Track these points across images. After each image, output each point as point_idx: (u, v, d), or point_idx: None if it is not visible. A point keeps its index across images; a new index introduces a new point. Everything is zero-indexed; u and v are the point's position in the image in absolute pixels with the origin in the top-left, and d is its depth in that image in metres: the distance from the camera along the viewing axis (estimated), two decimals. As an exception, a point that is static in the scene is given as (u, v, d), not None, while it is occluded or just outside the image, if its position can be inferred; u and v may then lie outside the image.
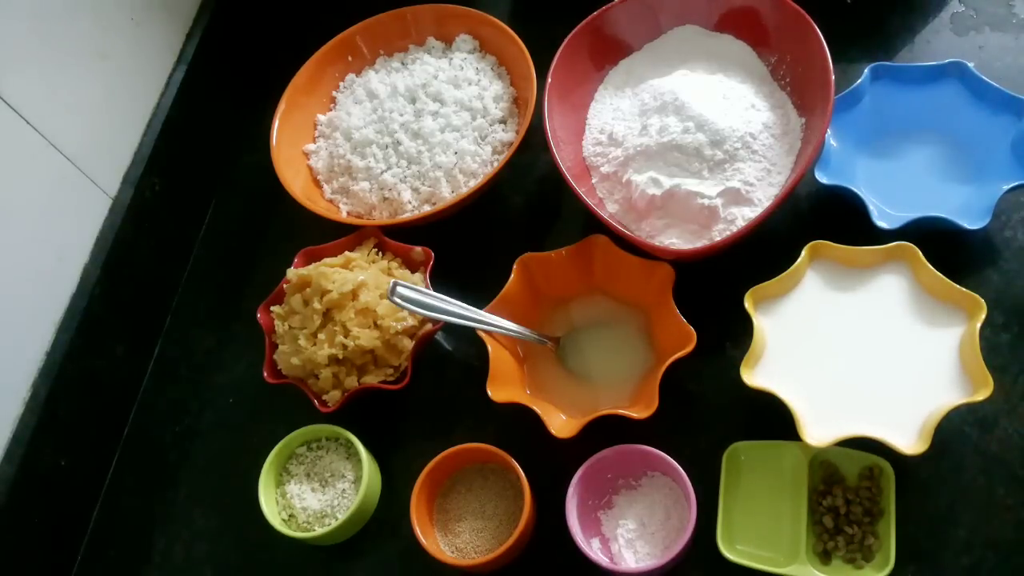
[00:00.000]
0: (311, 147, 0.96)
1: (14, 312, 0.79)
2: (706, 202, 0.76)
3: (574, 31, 0.86)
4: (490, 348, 0.76)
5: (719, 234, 0.76)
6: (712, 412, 0.75)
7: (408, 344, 0.79)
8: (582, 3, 0.88)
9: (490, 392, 0.73)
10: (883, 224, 0.75)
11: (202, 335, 0.93)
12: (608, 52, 0.90)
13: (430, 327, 0.79)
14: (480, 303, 0.76)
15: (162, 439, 0.88)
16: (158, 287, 0.95)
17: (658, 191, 0.78)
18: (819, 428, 0.66)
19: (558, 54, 0.85)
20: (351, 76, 1.00)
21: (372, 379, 0.78)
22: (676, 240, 0.78)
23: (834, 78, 0.76)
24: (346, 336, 0.77)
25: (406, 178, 0.88)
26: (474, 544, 0.71)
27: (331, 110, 0.98)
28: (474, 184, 0.86)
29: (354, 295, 0.78)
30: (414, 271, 0.84)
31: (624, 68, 0.90)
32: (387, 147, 0.90)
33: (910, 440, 0.64)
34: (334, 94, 0.99)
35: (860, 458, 0.69)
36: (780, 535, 0.68)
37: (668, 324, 0.74)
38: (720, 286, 0.77)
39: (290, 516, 0.76)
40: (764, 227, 0.75)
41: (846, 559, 0.66)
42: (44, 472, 0.80)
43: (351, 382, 0.78)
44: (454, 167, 0.88)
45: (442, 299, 0.74)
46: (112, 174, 0.91)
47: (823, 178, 0.78)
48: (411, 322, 0.80)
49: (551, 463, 0.71)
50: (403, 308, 0.73)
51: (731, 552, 0.67)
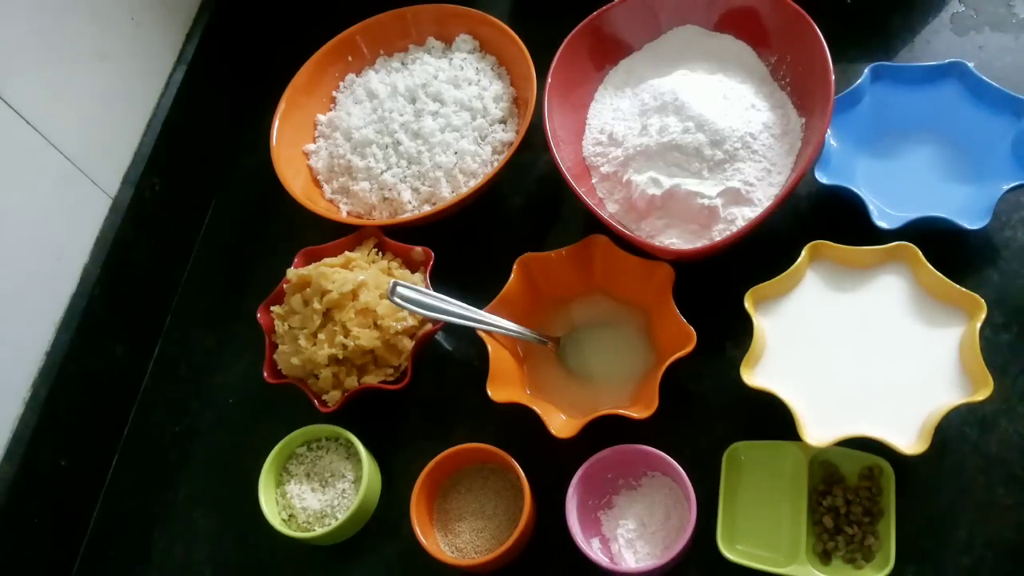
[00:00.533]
0: (311, 147, 0.96)
1: (14, 312, 0.79)
2: (706, 202, 0.76)
3: (574, 31, 0.86)
4: (490, 348, 0.76)
5: (719, 234, 0.76)
6: (712, 412, 0.75)
7: (408, 344, 0.79)
8: (582, 3, 0.88)
9: (490, 392, 0.73)
10: (883, 224, 0.75)
11: (202, 335, 0.93)
12: (608, 52, 0.90)
13: (430, 327, 0.79)
14: (480, 303, 0.76)
15: (162, 439, 0.88)
16: (158, 287, 0.95)
17: (658, 191, 0.78)
18: (819, 428, 0.66)
19: (558, 54, 0.85)
20: (351, 76, 1.00)
21: (372, 379, 0.78)
22: (676, 240, 0.78)
23: (834, 78, 0.75)
24: (346, 336, 0.77)
25: (406, 178, 0.88)
26: (474, 544, 0.71)
27: (331, 110, 0.98)
28: (474, 184, 0.86)
29: (354, 295, 0.78)
30: (414, 271, 0.84)
31: (624, 68, 0.90)
32: (387, 147, 0.90)
33: (910, 440, 0.64)
34: (334, 94, 0.99)
35: (860, 458, 0.69)
36: (780, 535, 0.68)
37: (668, 324, 0.74)
38: (720, 286, 0.77)
39: (290, 516, 0.76)
40: (764, 227, 0.75)
41: (846, 559, 0.66)
42: (44, 472, 0.80)
43: (351, 382, 0.78)
44: (454, 167, 0.88)
45: (442, 299, 0.74)
46: (112, 174, 0.91)
47: (823, 178, 0.78)
48: (411, 322, 0.80)
49: (551, 463, 0.71)
50: (403, 308, 0.73)
51: (731, 552, 0.67)
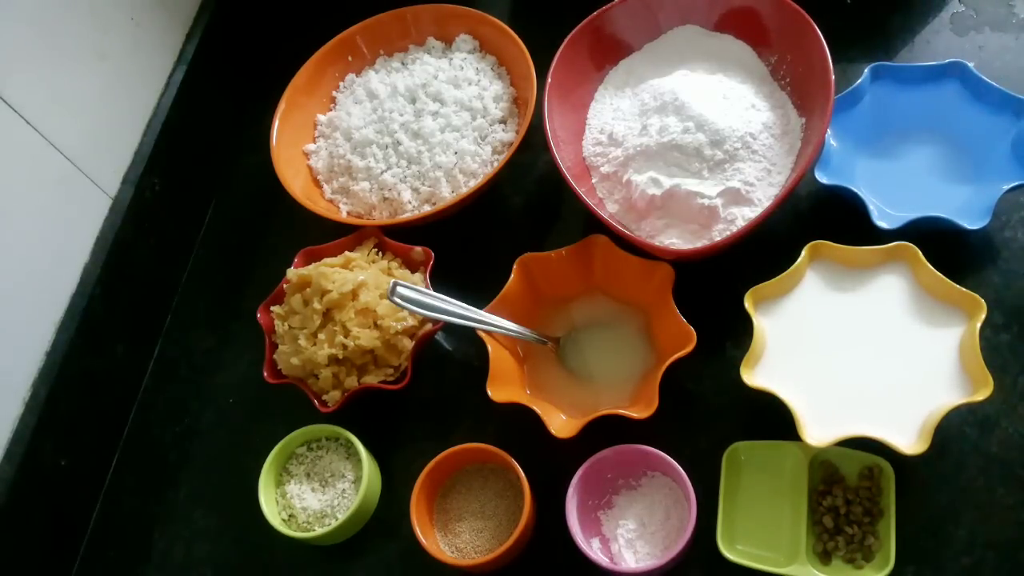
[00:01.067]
0: (311, 147, 0.96)
1: (14, 312, 0.79)
2: (706, 202, 0.76)
3: (574, 31, 0.86)
4: (490, 348, 0.76)
5: (719, 234, 0.76)
6: (712, 412, 0.75)
7: (408, 344, 0.79)
8: (582, 3, 0.88)
9: (490, 392, 0.73)
10: (883, 224, 0.75)
11: (202, 335, 0.93)
12: (608, 52, 0.90)
13: (430, 327, 0.79)
14: (480, 303, 0.76)
15: (162, 439, 0.88)
16: (158, 287, 0.95)
17: (658, 191, 0.78)
18: (819, 428, 0.66)
19: (558, 54, 0.85)
20: (351, 76, 1.00)
21: (372, 379, 0.78)
22: (676, 240, 0.78)
23: (834, 78, 0.75)
24: (346, 336, 0.77)
25: (406, 178, 0.88)
26: (474, 544, 0.71)
27: (331, 110, 0.98)
28: (474, 184, 0.86)
29: (354, 295, 0.78)
30: (414, 271, 0.84)
31: (624, 68, 0.90)
32: (387, 147, 0.90)
33: (910, 440, 0.64)
34: (334, 94, 0.99)
35: (860, 458, 0.69)
36: (780, 535, 0.68)
37: (668, 324, 0.74)
38: (720, 286, 0.77)
39: (290, 516, 0.76)
40: (764, 227, 0.75)
41: (846, 559, 0.66)
42: (44, 472, 0.80)
43: (351, 382, 0.78)
44: (454, 167, 0.88)
45: (442, 299, 0.74)
46: (112, 174, 0.91)
47: (823, 178, 0.78)
48: (411, 322, 0.80)
49: (551, 463, 0.71)
50: (403, 308, 0.73)
51: (731, 552, 0.67)
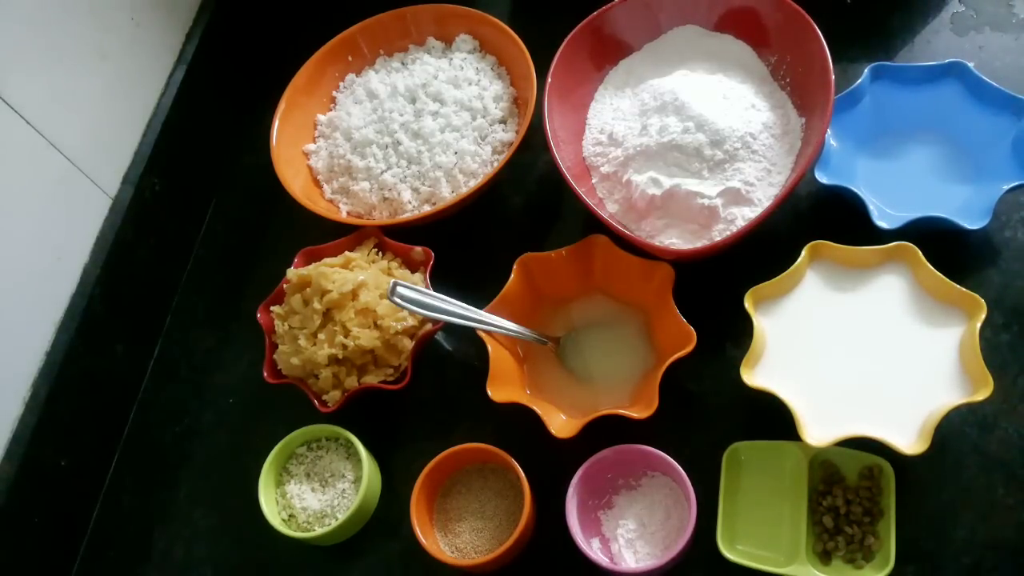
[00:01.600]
0: (311, 147, 0.96)
1: (14, 312, 0.79)
2: (706, 202, 0.76)
3: (574, 31, 0.86)
4: (490, 348, 0.76)
5: (719, 234, 0.76)
6: (712, 412, 0.75)
7: (408, 344, 0.79)
8: (582, 3, 0.88)
9: (490, 392, 0.73)
10: (883, 224, 0.75)
11: (202, 335, 0.93)
12: (608, 52, 0.90)
13: (430, 327, 0.79)
14: (480, 303, 0.76)
15: (162, 439, 0.88)
16: (158, 287, 0.95)
17: (658, 191, 0.78)
18: (819, 428, 0.66)
19: (558, 54, 0.85)
20: (351, 76, 1.00)
21: (372, 379, 0.78)
22: (676, 240, 0.78)
23: (834, 78, 0.75)
24: (346, 336, 0.77)
25: (406, 178, 0.88)
26: (474, 544, 0.71)
27: (331, 110, 0.98)
28: (474, 184, 0.86)
29: (354, 295, 0.78)
30: (414, 271, 0.84)
31: (624, 68, 0.90)
32: (387, 147, 0.90)
33: (910, 440, 0.64)
34: (334, 94, 0.99)
35: (860, 458, 0.69)
36: (780, 535, 0.68)
37: (668, 324, 0.74)
38: (720, 286, 0.77)
39: (290, 516, 0.76)
40: (764, 227, 0.75)
41: (846, 559, 0.66)
42: (44, 472, 0.80)
43: (351, 382, 0.78)
44: (454, 167, 0.88)
45: (442, 299, 0.74)
46: (112, 174, 0.91)
47: (823, 178, 0.78)
48: (411, 322, 0.80)
49: (551, 463, 0.71)
50: (403, 308, 0.73)
51: (731, 552, 0.67)
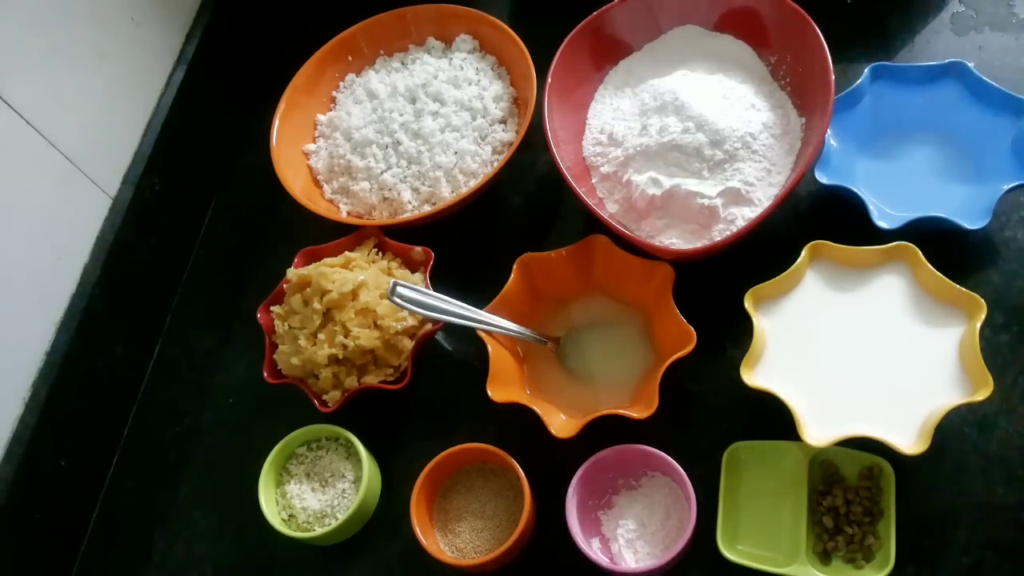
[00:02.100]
0: (311, 147, 0.96)
1: (14, 312, 0.79)
2: (706, 202, 0.76)
3: (574, 31, 0.86)
4: (490, 348, 0.76)
5: (719, 234, 0.76)
6: (712, 412, 0.75)
7: (408, 344, 0.79)
8: (582, 3, 0.88)
9: (490, 392, 0.73)
10: (883, 224, 0.75)
11: (202, 335, 0.93)
12: (608, 52, 0.90)
13: (430, 327, 0.79)
14: (480, 303, 0.76)
15: (162, 439, 0.88)
16: (158, 287, 0.95)
17: (658, 191, 0.78)
18: (819, 428, 0.66)
19: (558, 54, 0.85)
20: (351, 76, 1.00)
21: (372, 379, 0.78)
22: (676, 240, 0.78)
23: (834, 78, 0.75)
24: (346, 336, 0.77)
25: (406, 178, 0.88)
26: (474, 544, 0.71)
27: (331, 110, 0.98)
28: (474, 184, 0.86)
29: (354, 295, 0.78)
30: (414, 271, 0.84)
31: (624, 68, 0.90)
32: (387, 147, 0.90)
33: (910, 440, 0.64)
34: (334, 94, 0.99)
35: (860, 458, 0.69)
36: (780, 535, 0.68)
37: (668, 324, 0.74)
38: (720, 286, 0.77)
39: (290, 516, 0.76)
40: (764, 227, 0.75)
41: (846, 559, 0.66)
42: (44, 472, 0.80)
43: (351, 382, 0.78)
44: (454, 167, 0.88)
45: (442, 299, 0.74)
46: (112, 174, 0.91)
47: (823, 178, 0.78)
48: (411, 322, 0.80)
49: (551, 463, 0.71)
50: (403, 308, 0.73)
51: (731, 552, 0.67)
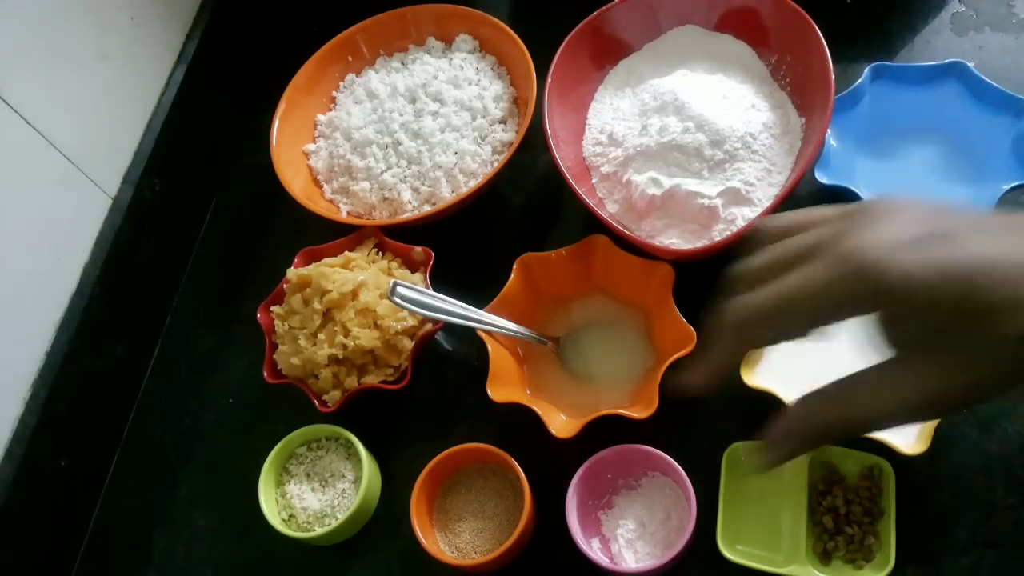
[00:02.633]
0: (311, 147, 0.96)
1: (14, 312, 0.79)
2: (706, 202, 0.76)
3: (574, 31, 0.86)
4: (490, 348, 0.76)
5: (719, 234, 0.76)
6: (712, 412, 0.75)
7: (408, 344, 0.79)
8: (582, 3, 0.88)
9: (490, 392, 0.73)
10: (883, 224, 0.75)
11: (202, 335, 0.93)
12: (608, 52, 0.90)
13: (430, 327, 0.79)
14: (480, 303, 0.76)
15: (162, 439, 0.88)
16: (158, 287, 0.95)
17: (658, 191, 0.78)
18: (819, 428, 0.66)
19: (558, 54, 0.85)
20: (351, 76, 1.00)
21: (372, 379, 0.78)
22: (676, 240, 0.78)
23: (834, 78, 0.75)
24: (346, 336, 0.77)
25: (406, 178, 0.88)
26: (474, 544, 0.71)
27: (331, 110, 0.98)
28: (474, 184, 0.86)
29: (354, 295, 0.78)
30: (414, 271, 0.84)
31: (624, 68, 0.90)
32: (387, 147, 0.90)
33: (910, 440, 0.64)
34: (334, 94, 0.99)
35: (860, 458, 0.69)
36: (780, 535, 0.68)
37: (668, 324, 0.74)
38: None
39: (290, 516, 0.76)
40: (764, 227, 0.75)
41: (846, 559, 0.66)
42: (44, 472, 0.80)
43: (351, 382, 0.78)
44: (454, 167, 0.88)
45: (442, 299, 0.74)
46: (112, 174, 0.91)
47: (823, 178, 0.78)
48: (411, 322, 0.80)
49: (551, 463, 0.71)
50: (403, 308, 0.73)
51: (731, 552, 0.67)
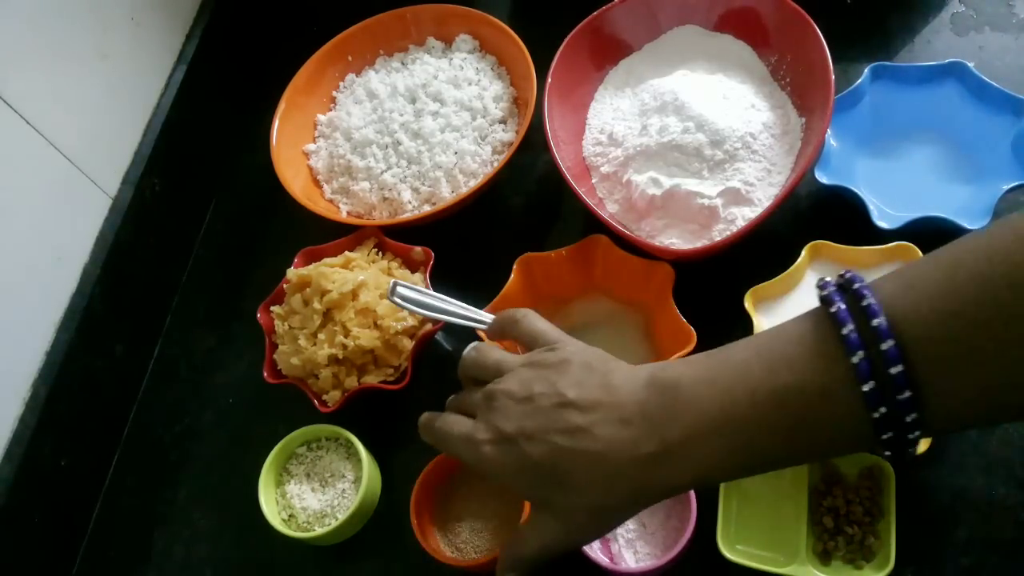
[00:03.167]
0: (311, 147, 0.96)
1: (14, 312, 0.79)
2: (706, 202, 0.76)
3: (574, 31, 0.86)
4: (490, 348, 0.76)
5: (719, 234, 0.76)
6: (712, 412, 0.75)
7: (408, 344, 0.79)
8: (582, 3, 0.88)
9: (490, 392, 0.73)
10: (883, 224, 0.75)
11: (202, 335, 0.93)
12: (608, 52, 0.90)
13: (430, 327, 0.79)
14: (480, 303, 0.76)
15: (162, 439, 0.88)
16: (158, 287, 0.95)
17: (658, 191, 0.78)
18: (819, 428, 0.66)
19: (558, 54, 0.85)
20: (351, 76, 1.00)
21: (372, 379, 0.78)
22: (676, 240, 0.78)
23: (834, 78, 0.75)
24: (346, 336, 0.77)
25: (406, 178, 0.88)
26: (474, 544, 0.71)
27: (331, 110, 0.98)
28: (474, 184, 0.86)
29: (354, 295, 0.78)
30: (414, 271, 0.84)
31: (624, 68, 0.90)
32: (387, 147, 0.90)
33: (910, 440, 0.64)
34: (334, 94, 0.99)
35: (860, 458, 0.69)
36: (780, 535, 0.68)
37: (668, 324, 0.74)
38: (720, 286, 0.77)
39: (290, 516, 0.76)
40: (764, 227, 0.75)
41: (846, 559, 0.66)
42: (44, 472, 0.80)
43: (351, 382, 0.78)
44: (454, 167, 0.88)
45: (442, 299, 0.74)
46: (112, 174, 0.91)
47: (823, 178, 0.78)
48: (411, 322, 0.80)
49: (551, 463, 0.71)
50: (403, 308, 0.73)
51: (731, 552, 0.67)
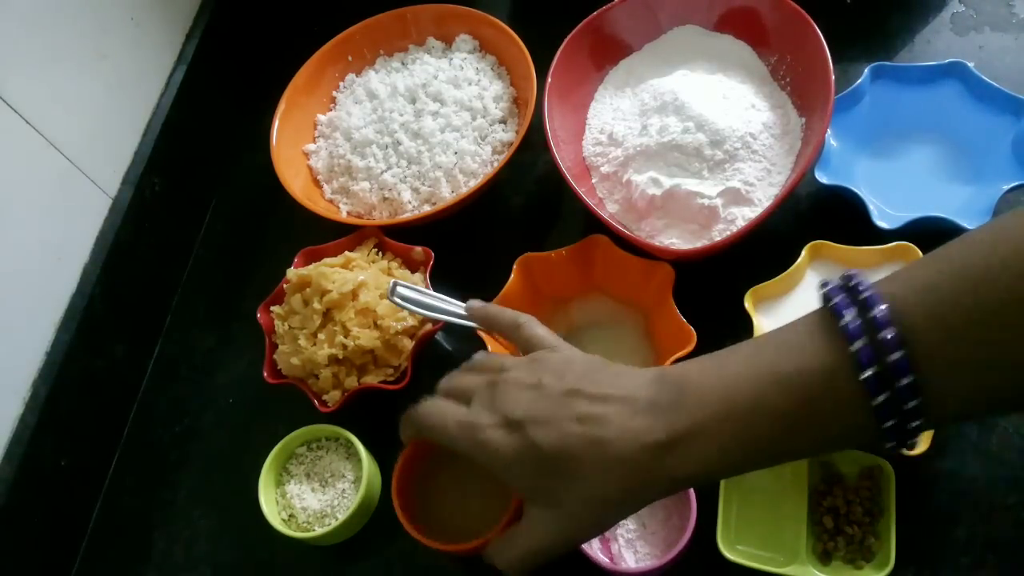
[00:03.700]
0: (311, 147, 0.96)
1: (14, 312, 0.79)
2: (706, 202, 0.76)
3: (574, 31, 0.86)
4: (490, 348, 0.76)
5: (719, 234, 0.76)
6: (712, 412, 0.75)
7: (408, 344, 0.79)
8: (582, 3, 0.88)
9: (490, 392, 0.73)
10: (883, 224, 0.75)
11: (202, 335, 0.93)
12: (608, 52, 0.90)
13: (430, 327, 0.79)
14: (480, 303, 0.76)
15: (162, 439, 0.88)
16: (158, 287, 0.95)
17: (658, 191, 0.78)
18: (819, 428, 0.66)
19: (558, 54, 0.85)
20: (351, 76, 1.00)
21: (372, 379, 0.78)
22: (676, 240, 0.78)
23: (834, 78, 0.75)
24: (346, 336, 0.77)
25: (406, 178, 0.88)
26: (461, 528, 0.69)
27: (331, 110, 0.98)
28: (474, 184, 0.86)
29: (354, 295, 0.78)
30: (414, 271, 0.84)
31: (624, 68, 0.90)
32: (387, 147, 0.90)
33: (910, 440, 0.64)
34: (334, 94, 0.99)
35: (860, 458, 0.69)
36: (780, 535, 0.68)
37: (668, 324, 0.74)
38: (720, 286, 0.77)
39: (290, 516, 0.76)
40: (764, 227, 0.75)
41: (846, 559, 0.66)
42: (44, 472, 0.80)
43: (351, 382, 0.78)
44: (454, 167, 0.88)
45: (442, 299, 0.74)
46: (112, 174, 0.91)
47: (823, 178, 0.78)
48: (411, 322, 0.80)
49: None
50: (403, 308, 0.73)
51: (731, 552, 0.67)
